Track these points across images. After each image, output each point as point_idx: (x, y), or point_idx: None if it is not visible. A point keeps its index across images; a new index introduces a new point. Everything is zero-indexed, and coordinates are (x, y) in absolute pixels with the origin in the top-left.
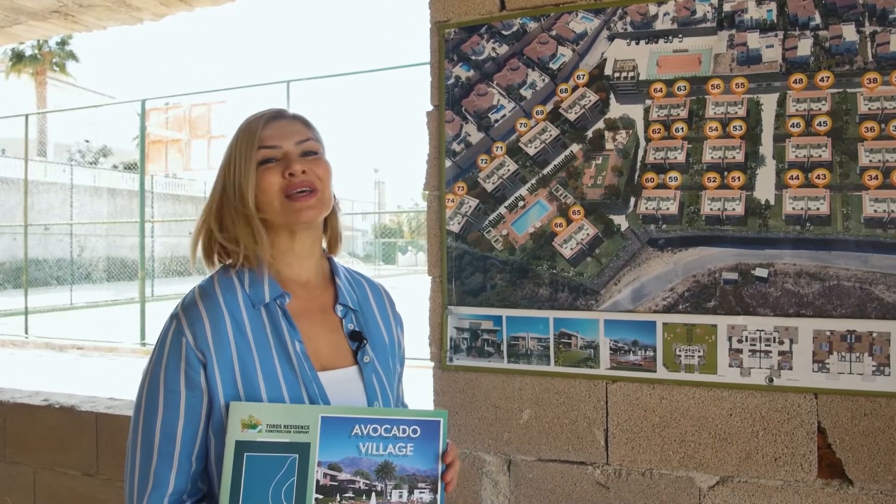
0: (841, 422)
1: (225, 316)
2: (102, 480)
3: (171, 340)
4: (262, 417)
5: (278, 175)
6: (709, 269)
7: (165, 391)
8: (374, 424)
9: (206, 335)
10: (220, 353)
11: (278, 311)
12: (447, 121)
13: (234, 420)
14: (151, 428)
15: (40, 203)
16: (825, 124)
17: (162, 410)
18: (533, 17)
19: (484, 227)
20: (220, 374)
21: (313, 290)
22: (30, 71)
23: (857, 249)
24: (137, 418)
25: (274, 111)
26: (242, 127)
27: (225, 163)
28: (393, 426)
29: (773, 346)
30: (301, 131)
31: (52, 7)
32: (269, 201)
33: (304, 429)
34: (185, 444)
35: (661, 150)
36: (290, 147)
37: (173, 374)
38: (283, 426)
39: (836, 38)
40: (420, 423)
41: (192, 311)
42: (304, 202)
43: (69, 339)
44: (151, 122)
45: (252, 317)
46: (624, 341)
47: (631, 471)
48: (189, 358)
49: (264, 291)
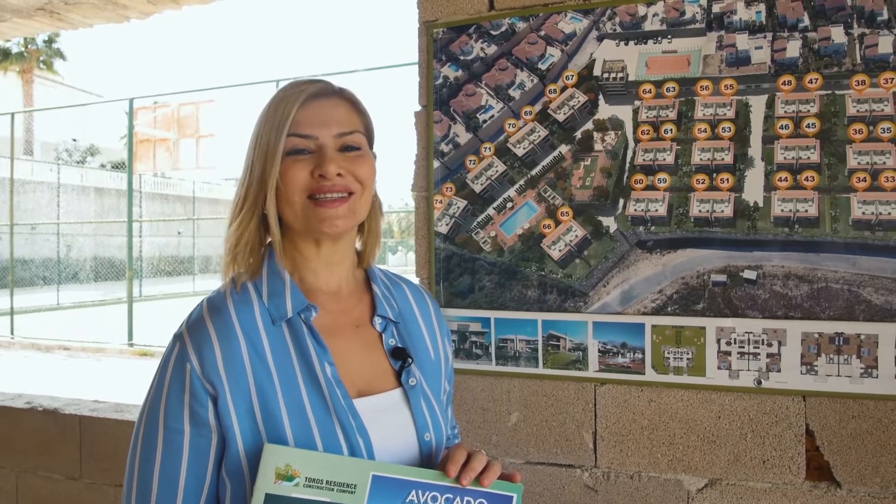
0: (829, 424)
1: (239, 336)
2: (86, 484)
3: (174, 367)
4: (302, 468)
5: (306, 172)
6: (697, 270)
7: (165, 430)
8: (434, 492)
9: (216, 361)
10: (233, 383)
11: (303, 327)
12: (435, 121)
13: (266, 467)
14: (149, 472)
15: (27, 202)
16: (814, 126)
17: (161, 452)
18: (522, 17)
19: (472, 229)
20: (235, 408)
21: (345, 300)
22: (16, 69)
23: (846, 251)
24: (133, 461)
25: (315, 87)
26: (273, 103)
27: (251, 146)
28: (456, 496)
29: (762, 349)
30: (345, 119)
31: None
32: (290, 199)
33: (351, 488)
34: (189, 493)
35: (649, 151)
36: (327, 139)
37: (175, 408)
38: (326, 482)
39: (824, 40)
40: (489, 496)
41: (199, 331)
42: (332, 209)
43: (56, 339)
44: (139, 121)
45: (272, 336)
46: (612, 343)
47: (619, 474)
48: (195, 389)
49: (286, 304)
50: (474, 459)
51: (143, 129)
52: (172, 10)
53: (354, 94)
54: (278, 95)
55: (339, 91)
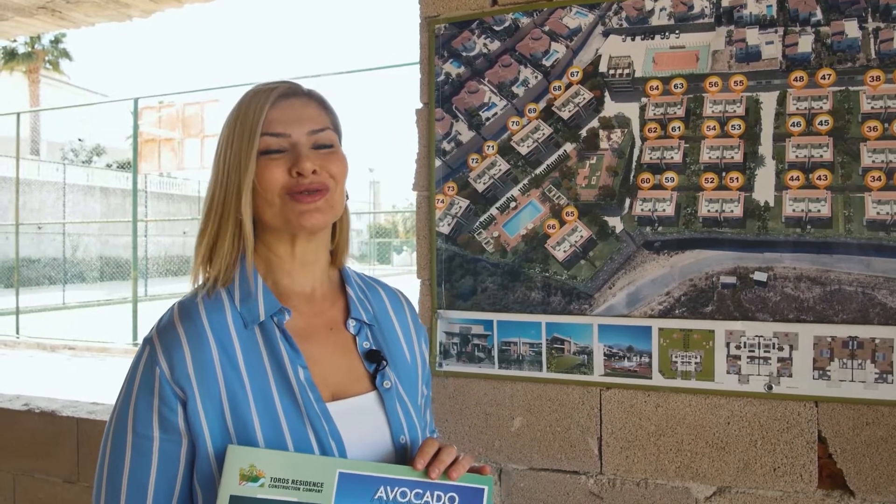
0: (842, 431)
1: (210, 340)
2: (83, 488)
3: (143, 372)
4: (266, 468)
5: (283, 170)
6: (706, 272)
7: (134, 436)
8: (404, 487)
9: (186, 366)
10: (203, 388)
11: (276, 331)
12: (437, 119)
13: (230, 468)
14: (117, 480)
15: (33, 202)
16: (826, 123)
17: (130, 458)
18: (525, 13)
19: (475, 229)
20: (205, 413)
21: (319, 303)
22: (23, 69)
23: (860, 253)
24: (102, 465)
25: (285, 86)
26: (244, 101)
27: (220, 147)
28: (426, 491)
29: (773, 353)
30: (316, 117)
31: (39, 3)
32: (269, 199)
33: (317, 487)
34: (158, 499)
35: (657, 149)
36: (300, 137)
37: (143, 413)
38: (291, 481)
39: (837, 35)
40: (459, 489)
41: (168, 335)
42: (312, 203)
43: (60, 339)
44: (144, 121)
45: (244, 340)
46: (618, 347)
47: (625, 480)
48: (164, 394)
49: (259, 307)
50: (443, 452)
51: (148, 129)
52: (174, 7)
53: (322, 95)
54: (246, 97)
55: (307, 91)
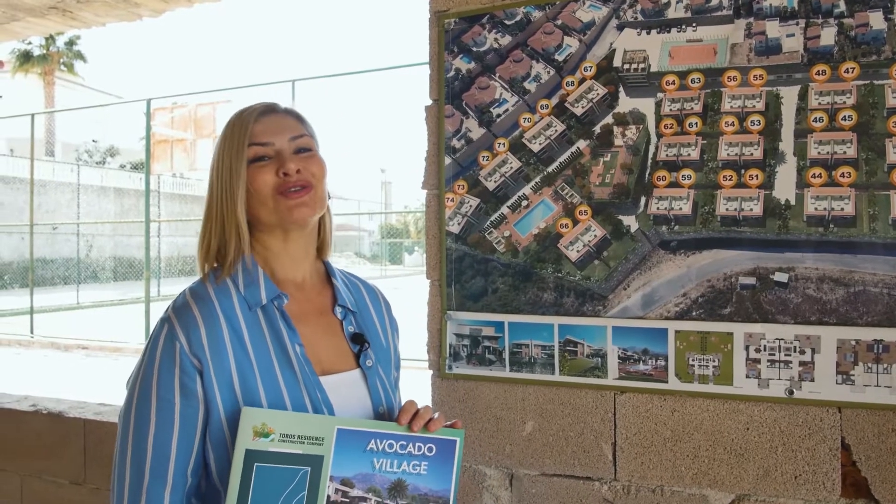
0: (867, 438)
1: (220, 319)
2: (90, 490)
3: (164, 345)
4: (276, 426)
5: (272, 174)
6: (724, 273)
7: (158, 399)
8: (390, 440)
9: (201, 340)
10: (216, 360)
11: (276, 313)
12: (447, 116)
13: (245, 427)
14: (143, 441)
15: (48, 203)
16: (850, 119)
17: (154, 421)
18: (537, 6)
19: (485, 228)
20: (218, 382)
21: (309, 291)
22: (38, 71)
23: (885, 253)
24: (126, 430)
25: (265, 105)
26: (232, 121)
27: (215, 160)
28: (409, 443)
29: (794, 356)
30: (294, 126)
31: (49, 3)
32: (263, 200)
33: (319, 440)
34: (180, 459)
35: (673, 146)
36: (283, 144)
37: (167, 381)
38: (298, 437)
39: (862, 27)
40: (436, 441)
41: (185, 314)
42: (299, 198)
43: (74, 338)
44: (157, 122)
45: (249, 320)
46: (633, 350)
47: (640, 487)
48: (184, 364)
49: (261, 292)
50: (423, 411)
51: (161, 130)
52: (184, 7)
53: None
54: (234, 118)
55: (284, 108)
